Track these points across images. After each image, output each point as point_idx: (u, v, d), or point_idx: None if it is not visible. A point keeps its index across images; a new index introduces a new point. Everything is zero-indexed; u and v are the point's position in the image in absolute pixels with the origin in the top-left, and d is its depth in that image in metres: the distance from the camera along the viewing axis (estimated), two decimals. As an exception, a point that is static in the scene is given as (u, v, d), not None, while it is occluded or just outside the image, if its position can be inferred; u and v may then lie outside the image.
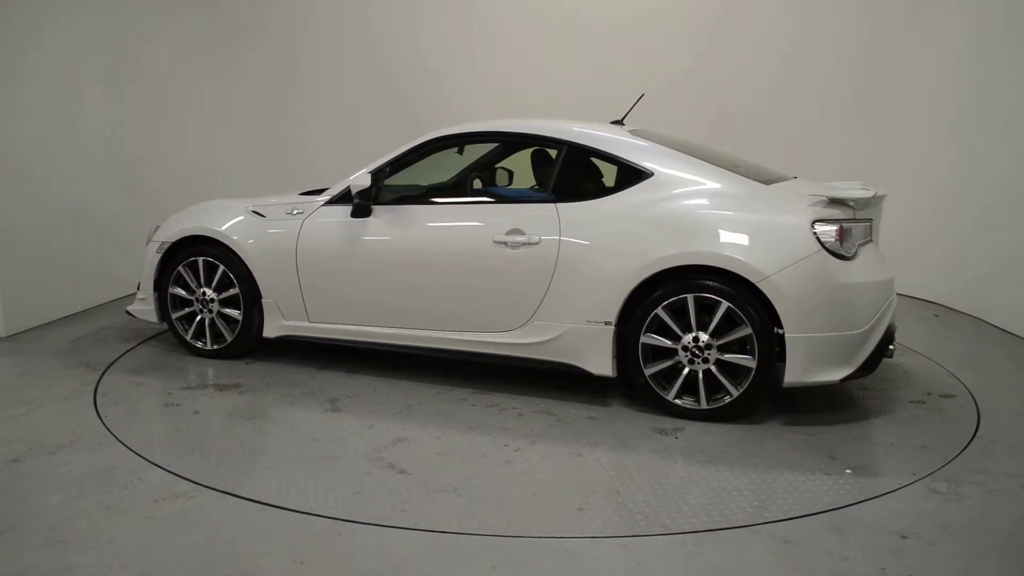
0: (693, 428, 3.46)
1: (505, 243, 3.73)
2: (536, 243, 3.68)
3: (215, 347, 4.42)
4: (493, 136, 4.32)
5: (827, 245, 3.35)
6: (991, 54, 5.61)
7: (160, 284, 4.48)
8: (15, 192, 5.02)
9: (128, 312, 4.67)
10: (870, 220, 3.57)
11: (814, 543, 2.49)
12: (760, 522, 2.62)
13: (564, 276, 3.64)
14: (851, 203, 3.46)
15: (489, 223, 3.81)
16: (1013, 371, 4.48)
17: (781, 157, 6.17)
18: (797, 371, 3.36)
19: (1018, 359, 4.72)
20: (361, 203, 3.99)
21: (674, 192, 3.59)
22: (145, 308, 4.56)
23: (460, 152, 4.43)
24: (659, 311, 3.48)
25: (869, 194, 3.43)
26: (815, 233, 3.36)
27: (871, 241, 3.57)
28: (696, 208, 3.54)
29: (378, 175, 4.03)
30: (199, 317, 4.42)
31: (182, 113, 6.80)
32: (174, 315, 4.48)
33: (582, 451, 3.24)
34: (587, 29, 7.39)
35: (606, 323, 3.58)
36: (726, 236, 3.42)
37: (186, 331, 4.47)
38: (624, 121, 4.32)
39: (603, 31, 7.37)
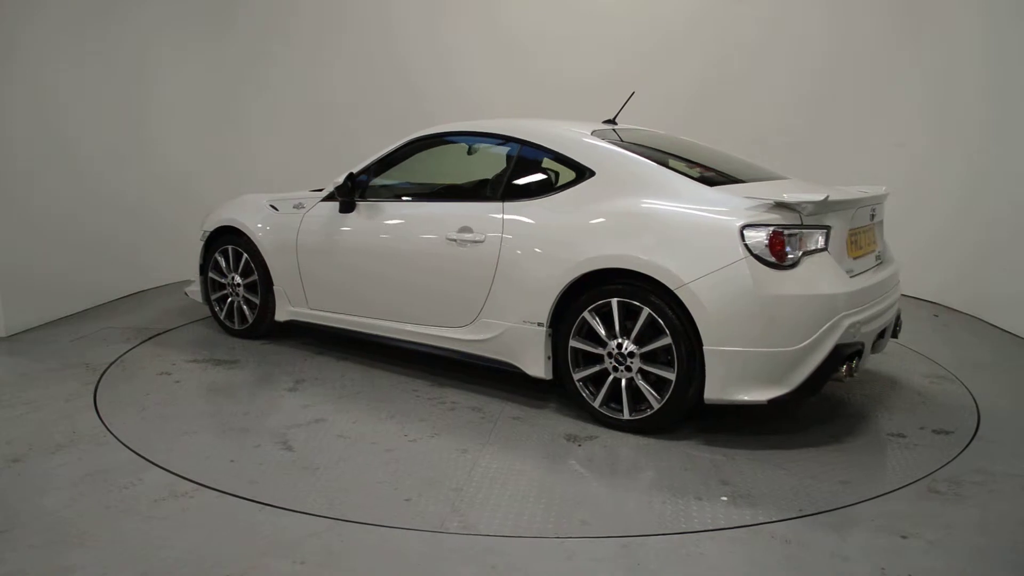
0: (607, 438, 3.34)
1: (455, 241, 3.79)
2: (482, 241, 3.70)
3: (241, 327, 4.89)
4: (463, 136, 4.28)
5: (756, 252, 3.06)
6: (992, 54, 5.61)
7: (205, 269, 5.01)
8: (15, 192, 5.02)
9: (186, 293, 5.24)
10: (827, 227, 3.21)
11: (814, 543, 2.49)
12: (760, 522, 2.62)
13: (504, 275, 3.64)
14: (799, 208, 3.13)
15: (444, 221, 3.88)
16: (1013, 371, 4.48)
17: (782, 158, 6.19)
18: (717, 387, 3.12)
19: (1018, 359, 4.72)
20: (343, 199, 4.27)
21: (610, 193, 3.45)
22: (194, 290, 5.11)
23: (470, 153, 4.44)
24: (585, 315, 3.38)
25: (819, 198, 3.08)
26: (743, 239, 3.08)
27: (824, 249, 3.19)
28: (626, 210, 3.37)
29: (364, 173, 4.30)
30: (229, 300, 4.91)
31: (183, 113, 6.79)
32: (212, 297, 5.01)
33: (470, 448, 3.25)
34: (592, 30, 7.39)
35: (539, 324, 3.53)
36: (649, 239, 3.25)
37: (220, 311, 4.99)
38: (616, 120, 4.32)
39: (607, 32, 7.37)
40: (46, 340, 4.85)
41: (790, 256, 3.09)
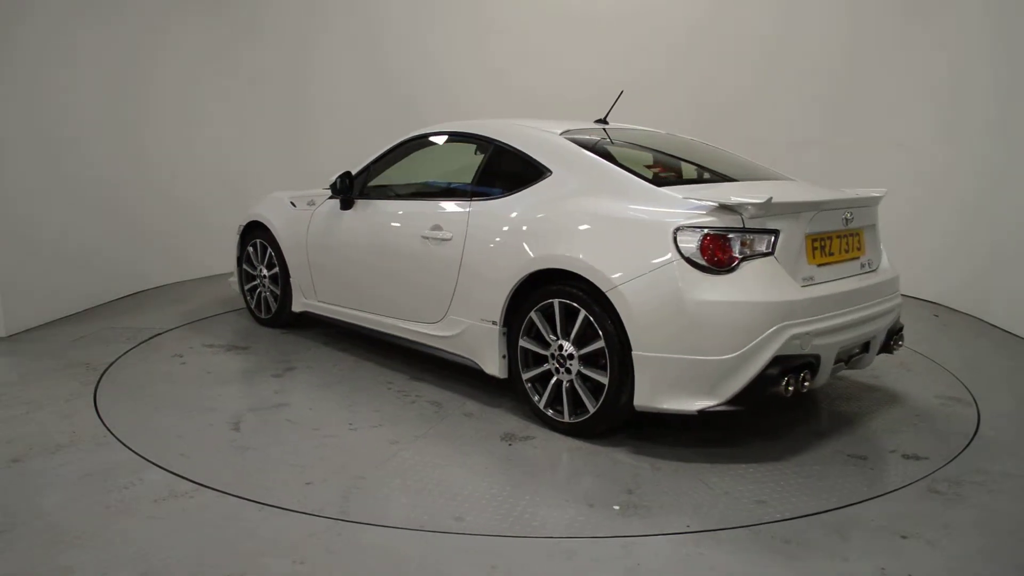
0: (543, 439, 3.33)
1: (428, 238, 3.86)
2: (449, 239, 3.75)
3: (266, 317, 5.19)
4: (448, 136, 4.30)
5: (687, 255, 2.95)
6: (993, 54, 5.61)
7: (240, 261, 5.37)
8: (15, 193, 5.02)
9: (229, 283, 5.57)
10: (774, 231, 3.02)
11: (814, 543, 2.49)
12: (761, 522, 2.62)
13: (466, 273, 3.67)
14: (740, 210, 2.98)
15: (420, 219, 3.96)
16: (1013, 371, 4.48)
17: (783, 158, 6.19)
18: (646, 394, 3.03)
19: (1018, 359, 4.72)
20: (337, 197, 4.47)
21: (562, 193, 3.43)
22: (233, 280, 5.46)
23: (477, 152, 4.45)
24: (532, 315, 3.37)
25: (761, 200, 2.92)
26: (675, 241, 2.98)
27: (769, 254, 3.01)
28: (571, 209, 3.33)
29: (362, 172, 4.46)
30: (258, 290, 5.20)
31: (185, 113, 6.79)
32: (246, 287, 5.32)
33: (402, 440, 3.31)
34: (592, 30, 7.41)
35: (493, 323, 3.55)
36: (588, 240, 3.20)
37: (251, 301, 5.29)
38: (607, 119, 4.32)
39: (609, 33, 7.39)
40: (46, 340, 4.85)
41: (726, 260, 2.94)
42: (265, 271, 5.10)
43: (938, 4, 6.06)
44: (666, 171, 3.67)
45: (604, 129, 4.08)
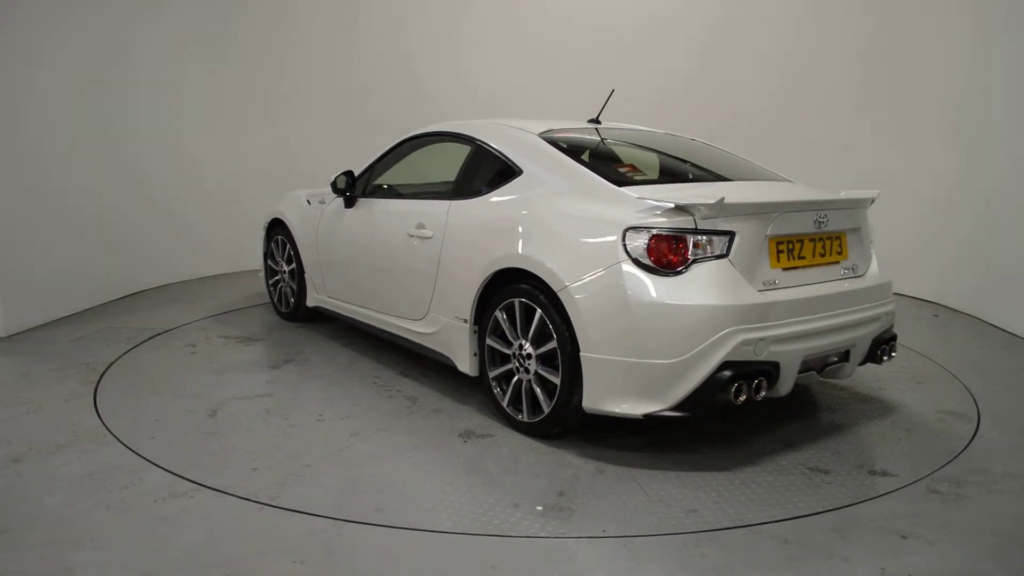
0: (500, 438, 3.34)
1: (413, 236, 3.91)
2: (430, 238, 3.78)
3: (285, 311, 5.36)
4: (437, 136, 4.32)
5: (635, 256, 2.90)
6: (992, 55, 5.61)
7: (266, 256, 5.56)
8: (15, 193, 5.01)
9: (259, 278, 5.77)
10: (729, 233, 2.93)
11: (814, 543, 2.49)
12: (761, 522, 2.62)
13: (443, 271, 3.70)
14: (692, 211, 2.90)
15: (407, 217, 4.01)
16: (1013, 371, 4.48)
17: (783, 158, 6.18)
18: (594, 396, 2.99)
19: (1018, 359, 4.72)
20: (340, 195, 4.56)
21: (530, 193, 3.43)
22: (261, 275, 5.65)
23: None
24: (497, 314, 3.38)
25: (713, 201, 2.84)
26: (624, 242, 2.93)
27: (723, 256, 2.91)
28: (532, 209, 3.34)
29: (365, 172, 4.56)
30: (279, 285, 5.38)
31: (184, 113, 6.79)
32: (269, 281, 5.50)
33: (363, 432, 3.39)
34: (590, 32, 7.41)
35: (464, 321, 3.58)
36: (545, 240, 3.19)
37: (273, 295, 5.48)
38: (600, 119, 4.29)
39: (608, 33, 7.39)
40: (46, 340, 4.85)
41: (675, 262, 2.88)
42: (285, 266, 5.27)
43: (923, 4, 6.05)
44: (636, 171, 3.61)
45: (597, 129, 4.07)
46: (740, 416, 3.55)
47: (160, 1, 6.51)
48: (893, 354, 3.53)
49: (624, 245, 2.93)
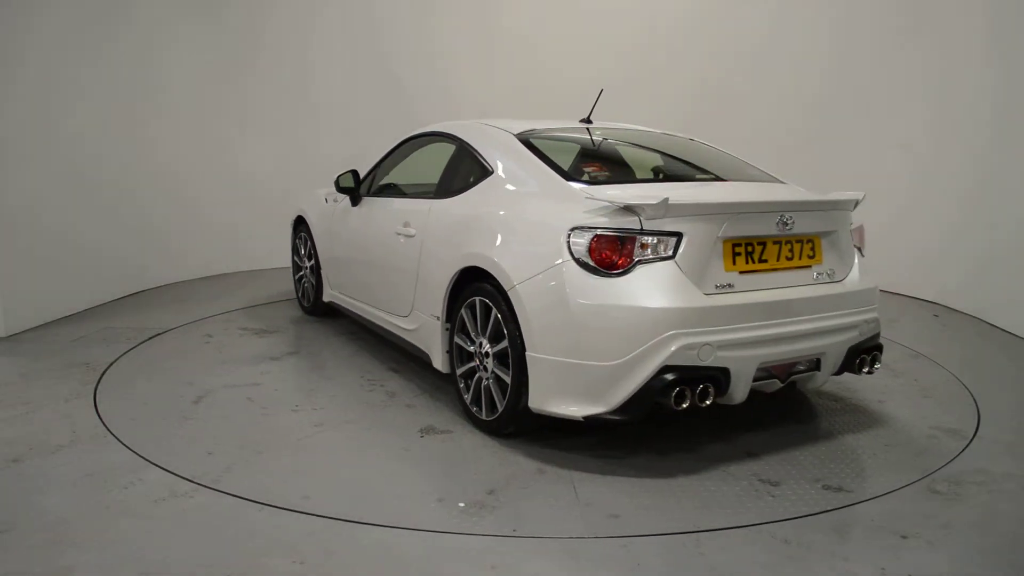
0: (459, 435, 3.36)
1: (400, 235, 3.97)
2: (413, 236, 3.83)
3: (307, 305, 5.52)
4: (431, 136, 4.34)
5: (577, 256, 2.86)
6: (995, 55, 5.61)
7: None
8: (15, 192, 5.01)
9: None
10: (676, 234, 2.85)
11: (814, 543, 2.49)
12: (761, 522, 2.62)
13: (423, 269, 3.74)
14: (638, 211, 2.84)
15: (397, 216, 4.07)
16: (1013, 371, 4.48)
17: (784, 159, 6.18)
18: (539, 397, 2.98)
19: (1018, 359, 4.72)
20: (350, 194, 4.65)
21: (498, 191, 3.45)
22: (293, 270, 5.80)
23: None
24: (463, 312, 3.40)
25: (656, 201, 2.77)
26: (569, 242, 2.90)
27: (669, 258, 2.84)
28: (498, 208, 3.34)
29: (372, 171, 4.66)
30: (303, 280, 5.55)
31: (184, 114, 6.79)
32: (295, 276, 5.69)
33: (327, 423, 3.48)
34: (589, 32, 7.41)
35: (437, 318, 3.61)
36: (502, 238, 3.19)
37: (298, 289, 5.68)
38: (591, 118, 4.24)
39: (607, 33, 7.39)
40: (46, 340, 4.85)
41: (617, 263, 2.83)
42: (307, 262, 5.40)
43: (935, 4, 6.06)
44: (602, 170, 3.55)
45: (588, 129, 4.04)
46: (716, 422, 3.46)
47: (184, 12, 6.57)
48: (876, 365, 3.36)
49: (568, 245, 2.90)
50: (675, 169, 3.77)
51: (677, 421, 3.45)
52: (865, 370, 3.33)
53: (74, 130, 5.59)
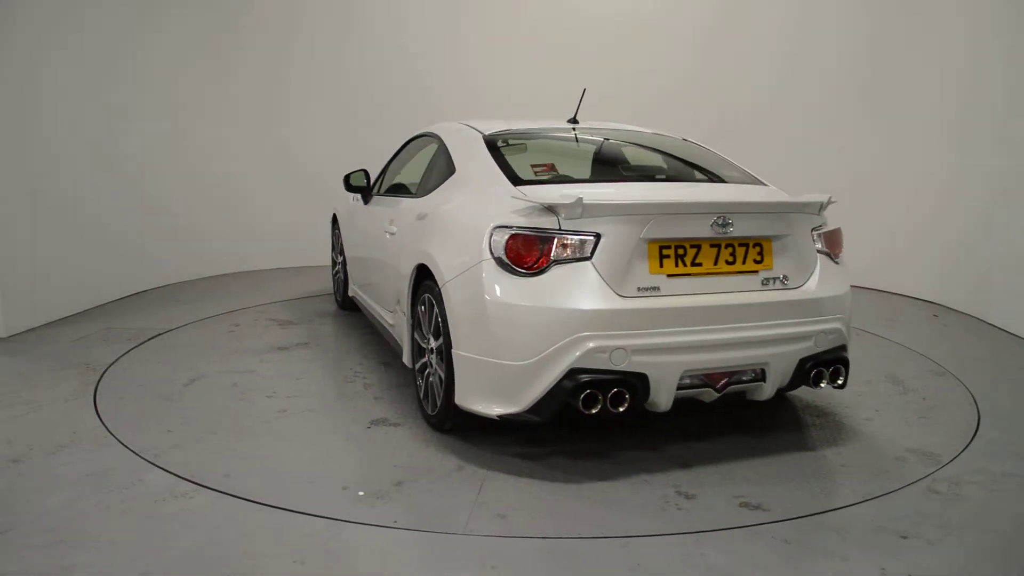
0: (406, 428, 3.40)
1: (386, 232, 4.09)
2: (395, 234, 3.95)
3: (339, 299, 5.72)
4: (425, 137, 4.40)
5: (496, 255, 2.87)
6: (990, 55, 5.61)
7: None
8: (16, 192, 5.01)
9: None
10: (595, 234, 2.80)
11: (814, 543, 2.49)
12: (761, 522, 2.62)
13: (401, 266, 3.77)
14: (556, 211, 2.82)
15: (388, 215, 4.17)
16: (1013, 371, 4.48)
17: (785, 159, 6.19)
18: (462, 393, 2.99)
19: (1018, 359, 4.72)
20: (361, 193, 4.82)
21: (456, 191, 3.49)
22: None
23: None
24: (419, 308, 3.44)
25: (570, 201, 2.74)
26: (489, 240, 2.90)
27: (586, 259, 2.79)
28: (448, 206, 3.38)
29: (383, 171, 4.87)
30: (336, 275, 5.77)
31: (183, 115, 6.79)
32: (332, 271, 5.92)
33: (291, 411, 3.61)
34: (586, 31, 7.41)
35: (403, 314, 3.69)
36: (442, 237, 3.25)
37: (332, 284, 5.95)
38: (577, 118, 4.20)
39: (604, 33, 7.39)
40: (46, 340, 4.85)
41: (533, 262, 2.81)
42: (339, 258, 5.60)
43: (951, 7, 6.03)
44: (551, 170, 3.54)
45: (574, 129, 4.02)
46: (651, 430, 3.33)
47: (166, 9, 6.54)
48: (839, 380, 3.13)
49: (489, 243, 2.90)
50: (641, 170, 3.71)
51: (622, 425, 3.34)
52: (824, 384, 3.11)
53: (74, 130, 5.59)
